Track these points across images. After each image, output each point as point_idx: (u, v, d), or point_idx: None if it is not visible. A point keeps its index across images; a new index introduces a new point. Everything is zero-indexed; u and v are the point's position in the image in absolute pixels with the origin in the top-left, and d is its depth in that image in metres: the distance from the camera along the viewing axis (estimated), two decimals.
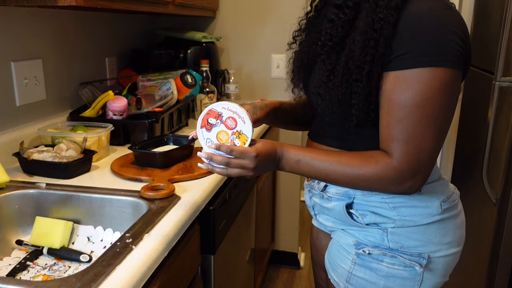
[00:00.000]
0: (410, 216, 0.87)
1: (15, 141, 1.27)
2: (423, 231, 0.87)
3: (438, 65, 0.74)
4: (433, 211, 0.87)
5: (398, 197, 0.87)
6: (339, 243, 0.96)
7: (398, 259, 0.88)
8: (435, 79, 0.74)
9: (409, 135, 0.77)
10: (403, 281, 0.88)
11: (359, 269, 0.91)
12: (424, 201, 0.87)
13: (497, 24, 1.58)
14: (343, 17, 0.82)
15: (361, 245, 0.91)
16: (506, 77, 1.54)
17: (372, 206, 0.89)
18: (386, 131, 0.80)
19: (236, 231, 1.47)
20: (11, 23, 1.28)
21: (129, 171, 1.20)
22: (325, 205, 0.98)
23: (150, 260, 0.80)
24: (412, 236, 0.87)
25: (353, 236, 0.93)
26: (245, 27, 2.27)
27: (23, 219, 1.08)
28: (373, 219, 0.89)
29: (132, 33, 2.06)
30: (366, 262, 0.90)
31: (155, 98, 1.62)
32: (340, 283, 0.95)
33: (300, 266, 2.50)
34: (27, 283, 0.73)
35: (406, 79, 0.76)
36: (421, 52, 0.75)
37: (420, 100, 0.75)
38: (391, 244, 0.88)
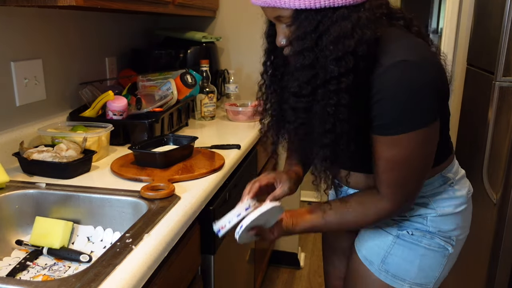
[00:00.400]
0: (447, 206, 1.00)
1: (15, 141, 1.27)
2: (456, 218, 1.01)
3: (416, 128, 0.82)
4: (462, 201, 1.02)
5: (437, 194, 1.00)
6: (377, 225, 1.05)
7: (435, 241, 1.00)
8: (414, 140, 0.83)
9: (398, 183, 0.89)
10: (435, 261, 1.01)
11: (398, 248, 1.01)
12: (456, 193, 1.02)
13: (497, 24, 1.58)
14: (301, 105, 0.84)
15: (403, 227, 1.02)
16: (506, 77, 1.54)
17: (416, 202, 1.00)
18: (379, 176, 0.90)
19: None
20: (11, 23, 1.28)
21: (129, 171, 1.20)
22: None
23: (150, 260, 0.80)
24: (447, 222, 1.00)
25: (393, 220, 1.03)
26: (245, 27, 2.26)
27: (23, 219, 1.08)
28: (417, 211, 1.01)
29: (132, 33, 2.06)
30: (407, 242, 1.00)
31: (155, 98, 1.62)
32: (375, 262, 1.03)
33: (300, 266, 2.50)
34: (27, 283, 0.73)
35: (387, 142, 0.85)
36: (397, 122, 0.82)
37: (403, 157, 0.85)
38: (430, 228, 1.00)
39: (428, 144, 0.87)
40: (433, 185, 1.00)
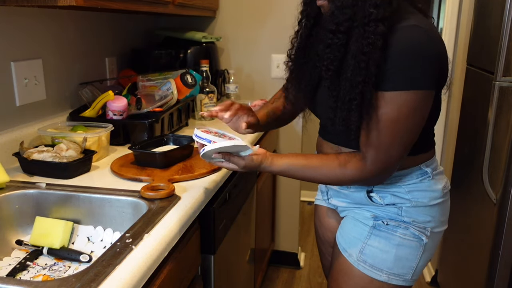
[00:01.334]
0: (421, 198, 1.04)
1: (15, 141, 1.27)
2: (429, 210, 1.05)
3: (415, 88, 0.87)
4: (437, 194, 1.05)
5: (412, 184, 1.03)
6: (355, 218, 1.09)
7: (409, 230, 1.03)
8: (407, 101, 0.87)
9: (381, 144, 0.91)
10: (410, 250, 1.04)
11: (375, 239, 1.04)
12: (432, 187, 1.05)
13: (497, 24, 1.58)
14: (338, 41, 0.90)
15: (379, 217, 1.05)
16: (506, 77, 1.54)
17: (391, 190, 1.04)
18: (364, 136, 0.93)
19: (236, 231, 1.47)
20: (11, 23, 1.28)
21: (129, 171, 1.20)
22: (343, 191, 1.12)
23: (150, 260, 0.80)
24: (422, 213, 1.04)
25: (370, 212, 1.07)
26: (245, 27, 2.27)
27: (23, 219, 1.08)
28: (392, 200, 1.04)
29: (132, 33, 2.06)
30: (382, 232, 1.04)
31: (155, 98, 1.63)
32: (353, 253, 1.06)
33: (300, 266, 2.50)
34: (27, 283, 0.73)
35: (385, 99, 0.88)
36: (402, 77, 0.86)
37: (393, 116, 0.88)
38: (405, 218, 1.04)
39: (419, 112, 0.90)
40: (411, 177, 1.03)
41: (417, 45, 0.85)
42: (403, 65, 0.85)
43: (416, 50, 0.85)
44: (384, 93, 0.88)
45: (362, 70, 0.86)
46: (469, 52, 1.97)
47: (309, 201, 3.36)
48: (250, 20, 2.25)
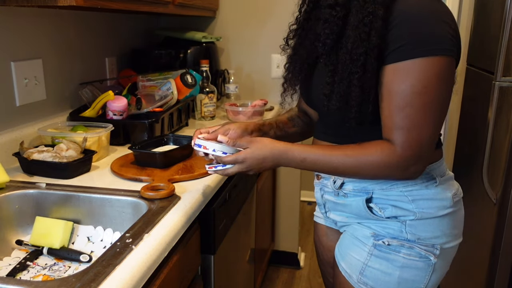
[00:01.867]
0: (427, 208, 0.91)
1: (15, 141, 1.27)
2: (438, 222, 0.92)
3: (433, 54, 0.79)
4: (447, 203, 0.93)
5: (416, 190, 0.91)
6: (354, 235, 0.98)
7: (415, 250, 0.92)
8: (431, 67, 0.79)
9: (411, 123, 0.81)
10: (417, 272, 0.93)
11: (376, 260, 0.94)
12: (440, 194, 0.92)
13: (497, 24, 1.58)
14: (336, 14, 0.86)
15: (379, 236, 0.94)
16: (506, 77, 1.54)
17: (392, 200, 0.93)
18: (388, 120, 0.83)
19: (236, 231, 1.47)
20: (11, 23, 1.28)
21: (129, 171, 1.20)
22: (341, 201, 1.01)
23: (150, 260, 0.80)
24: (428, 228, 0.92)
25: (370, 228, 0.96)
26: (245, 27, 2.27)
27: (23, 219, 1.08)
28: (393, 212, 0.93)
29: (132, 33, 2.06)
30: (383, 253, 0.93)
31: (155, 98, 1.62)
32: (353, 274, 0.97)
33: (300, 266, 2.50)
34: (27, 283, 0.73)
35: (404, 70, 0.80)
36: (416, 43, 0.79)
37: (419, 88, 0.79)
38: (409, 235, 0.92)
39: (445, 81, 0.80)
40: (414, 182, 0.91)
41: (425, 7, 0.80)
42: (412, 28, 0.79)
43: (426, 12, 0.79)
44: (402, 63, 0.80)
45: (363, 42, 0.81)
46: (469, 52, 1.97)
47: (309, 201, 3.36)
48: (250, 20, 2.25)
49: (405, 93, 0.80)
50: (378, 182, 0.93)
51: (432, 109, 0.81)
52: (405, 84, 0.80)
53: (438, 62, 0.79)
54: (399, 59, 0.80)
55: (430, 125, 0.81)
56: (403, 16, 0.80)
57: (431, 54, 0.79)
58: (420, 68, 0.79)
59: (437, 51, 0.79)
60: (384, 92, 0.83)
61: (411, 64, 0.79)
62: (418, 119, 0.80)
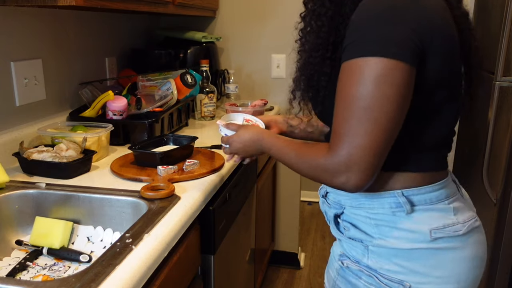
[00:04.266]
0: (391, 237, 0.81)
1: (15, 141, 1.27)
2: (406, 256, 0.80)
3: (370, 54, 0.70)
4: (419, 237, 0.80)
5: (381, 214, 0.82)
6: (333, 251, 0.95)
7: (374, 280, 0.82)
8: (367, 70, 0.70)
9: (344, 129, 0.73)
10: None
11: (341, 280, 0.89)
12: (410, 225, 0.80)
13: (497, 24, 1.58)
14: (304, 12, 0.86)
15: (344, 257, 0.89)
16: (506, 77, 1.54)
17: (356, 220, 0.86)
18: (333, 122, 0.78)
19: (236, 231, 1.47)
20: (11, 23, 1.28)
21: (129, 171, 1.19)
22: (328, 211, 0.96)
23: (150, 260, 0.80)
24: (393, 260, 0.81)
25: (341, 247, 0.91)
26: (245, 27, 2.26)
27: (23, 219, 1.08)
28: (353, 233, 0.86)
29: (132, 33, 2.06)
30: (347, 275, 0.88)
31: (155, 98, 1.62)
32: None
33: (300, 266, 2.50)
34: (27, 283, 0.73)
35: (345, 70, 0.74)
36: (356, 42, 0.72)
37: (358, 92, 0.71)
38: (370, 262, 0.83)
39: (385, 86, 0.70)
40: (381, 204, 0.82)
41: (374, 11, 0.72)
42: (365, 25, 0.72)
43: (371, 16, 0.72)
44: (344, 63, 0.74)
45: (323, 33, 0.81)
46: None
47: (309, 201, 3.36)
48: (250, 20, 2.25)
49: (344, 95, 0.74)
50: (350, 198, 0.86)
51: (366, 117, 0.71)
52: (344, 85, 0.74)
53: (375, 64, 0.70)
54: (344, 58, 0.74)
55: (362, 135, 0.71)
56: (357, 11, 0.74)
57: (367, 54, 0.70)
58: (355, 70, 0.72)
59: (375, 52, 0.70)
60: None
61: (349, 64, 0.73)
62: (350, 126, 0.72)
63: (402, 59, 0.70)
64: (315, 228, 2.98)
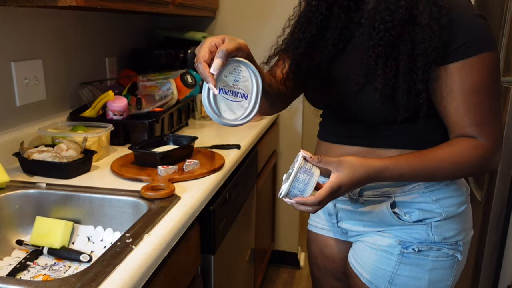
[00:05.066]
0: (449, 206, 0.93)
1: (15, 141, 1.27)
2: (458, 219, 0.94)
3: (492, 49, 0.83)
4: (464, 199, 0.95)
5: (437, 190, 0.92)
6: (376, 245, 0.96)
7: (442, 251, 0.93)
8: (493, 61, 0.83)
9: (490, 116, 0.84)
10: (445, 271, 0.94)
11: (405, 268, 0.94)
12: (457, 191, 0.94)
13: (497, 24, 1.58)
14: (404, 4, 0.81)
15: (406, 243, 0.93)
16: (506, 77, 1.54)
17: (416, 202, 0.93)
18: (466, 118, 0.84)
19: (236, 231, 1.47)
20: (11, 23, 1.28)
21: (129, 171, 1.20)
22: (359, 209, 0.98)
23: (150, 260, 0.80)
24: (452, 226, 0.93)
25: (395, 236, 0.95)
26: (245, 27, 2.26)
27: (23, 219, 1.08)
28: (420, 215, 0.92)
29: (132, 33, 2.06)
30: (412, 260, 0.93)
31: (155, 98, 1.63)
32: (381, 285, 0.96)
33: (300, 266, 2.50)
34: (27, 283, 0.73)
35: (472, 66, 0.82)
36: (478, 40, 0.82)
37: (488, 82, 0.83)
38: (435, 237, 0.92)
39: (498, 72, 0.86)
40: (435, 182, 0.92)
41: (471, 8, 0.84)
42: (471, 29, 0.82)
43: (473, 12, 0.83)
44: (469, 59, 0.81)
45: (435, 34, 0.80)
46: None
47: None
48: (250, 20, 2.25)
49: (478, 89, 0.82)
50: (399, 185, 0.92)
51: (498, 100, 0.86)
52: (475, 79, 0.82)
53: (495, 56, 0.84)
54: (465, 56, 0.81)
55: (500, 114, 0.87)
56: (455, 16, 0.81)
57: (491, 49, 0.83)
58: (485, 63, 0.82)
59: (493, 45, 0.83)
60: (453, 92, 0.83)
61: (478, 60, 0.82)
62: (494, 111, 0.84)
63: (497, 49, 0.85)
64: None
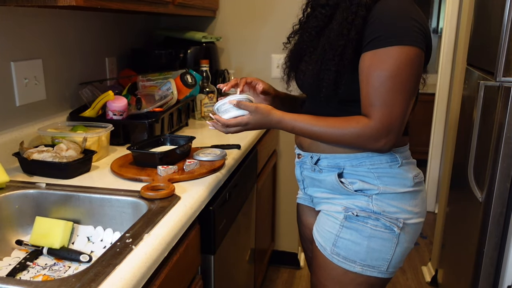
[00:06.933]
0: (390, 184, 1.05)
1: (15, 141, 1.27)
2: (400, 198, 1.06)
3: (404, 44, 0.93)
4: (408, 182, 1.07)
5: (381, 169, 1.06)
6: (328, 212, 1.11)
7: (380, 221, 1.05)
8: (403, 54, 0.93)
9: (383, 101, 0.96)
10: (383, 242, 1.05)
11: (346, 231, 1.06)
12: (401, 174, 1.06)
13: (497, 24, 1.58)
14: (324, 12, 1.04)
15: (349, 209, 1.07)
16: (506, 77, 1.54)
17: (360, 175, 1.07)
18: (365, 99, 0.98)
19: (236, 231, 1.47)
20: (11, 23, 1.28)
21: (129, 171, 1.20)
22: (317, 177, 1.14)
23: (150, 260, 0.80)
24: (392, 203, 1.05)
25: (341, 204, 1.09)
26: (245, 27, 2.27)
27: (23, 219, 1.08)
28: (361, 186, 1.06)
29: (132, 33, 2.06)
30: (353, 224, 1.06)
31: (155, 98, 1.63)
32: (327, 247, 1.09)
33: (300, 266, 2.50)
34: (27, 283, 0.73)
35: (380, 56, 0.95)
36: (391, 34, 0.94)
37: (391, 71, 0.94)
38: (375, 208, 1.05)
39: (414, 68, 0.95)
40: (380, 161, 1.05)
41: (399, 7, 0.95)
42: (387, 23, 0.94)
43: (399, 11, 0.95)
44: (378, 50, 0.94)
45: (343, 36, 0.98)
46: (469, 52, 1.97)
47: None
48: (250, 20, 2.25)
49: (379, 75, 0.95)
50: (349, 159, 1.07)
51: (401, 91, 0.95)
52: (380, 68, 0.95)
53: (407, 51, 0.94)
54: (376, 47, 0.95)
55: (399, 104, 0.96)
56: (379, 14, 0.96)
57: (402, 44, 0.93)
58: (392, 55, 0.94)
59: (407, 41, 0.93)
60: (362, 76, 0.98)
61: (386, 51, 0.94)
62: (389, 98, 0.95)
63: (420, 46, 0.95)
64: None
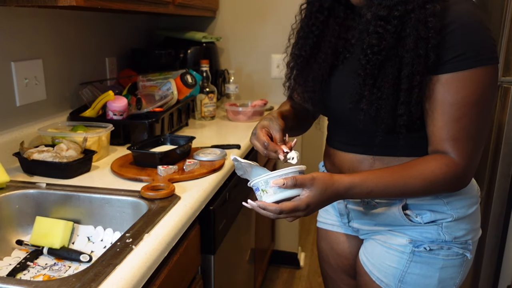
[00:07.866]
0: (460, 207, 0.92)
1: (15, 141, 1.27)
2: (469, 220, 0.94)
3: (488, 64, 0.78)
4: (475, 200, 0.95)
5: (450, 194, 0.91)
6: (387, 243, 0.97)
7: (452, 250, 0.93)
8: (486, 77, 0.79)
9: (468, 133, 0.80)
10: (454, 269, 0.95)
11: (415, 266, 0.94)
12: (469, 192, 0.93)
13: (497, 24, 1.58)
14: (391, 29, 0.80)
15: (417, 242, 0.94)
16: (506, 77, 1.54)
17: (427, 204, 0.93)
18: (441, 131, 0.82)
19: (236, 231, 1.47)
20: (11, 23, 1.28)
21: (129, 171, 1.20)
22: (371, 211, 0.99)
23: (150, 260, 0.80)
24: (461, 226, 0.93)
25: (406, 235, 0.95)
26: (245, 27, 2.27)
27: (23, 219, 1.08)
28: (432, 217, 0.92)
29: (132, 33, 2.06)
30: (423, 258, 0.94)
31: (155, 98, 1.63)
32: (391, 283, 0.97)
33: (300, 266, 2.50)
34: (27, 283, 0.73)
35: (460, 80, 0.79)
36: (473, 53, 0.78)
37: (475, 99, 0.79)
38: (446, 237, 0.92)
39: (494, 89, 0.82)
40: None
41: (477, 18, 0.78)
42: (469, 40, 0.77)
43: (477, 23, 0.78)
44: (458, 73, 0.78)
45: (421, 58, 0.78)
46: None
47: None
48: (250, 20, 2.25)
49: (461, 104, 0.79)
50: None
51: (484, 119, 0.81)
52: (461, 94, 0.79)
53: (492, 71, 0.79)
54: (455, 69, 0.78)
55: (482, 134, 0.82)
56: (455, 25, 0.78)
57: (485, 64, 0.78)
58: (475, 79, 0.78)
59: (490, 60, 0.79)
60: (435, 103, 0.81)
61: (468, 74, 0.78)
62: (474, 129, 0.80)
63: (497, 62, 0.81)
64: (315, 228, 2.98)
